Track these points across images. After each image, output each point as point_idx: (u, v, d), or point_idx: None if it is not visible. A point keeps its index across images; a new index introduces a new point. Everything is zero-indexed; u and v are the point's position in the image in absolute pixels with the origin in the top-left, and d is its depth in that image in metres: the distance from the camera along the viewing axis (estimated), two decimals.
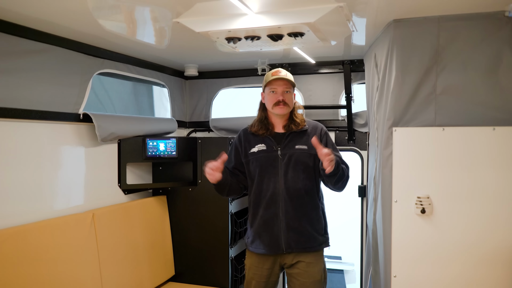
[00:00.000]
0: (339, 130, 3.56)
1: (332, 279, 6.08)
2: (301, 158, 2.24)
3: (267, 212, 2.25)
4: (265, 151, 2.28)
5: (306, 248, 2.26)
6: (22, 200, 2.26)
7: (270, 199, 2.24)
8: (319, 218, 2.31)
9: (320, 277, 2.31)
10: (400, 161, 2.14)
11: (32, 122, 2.32)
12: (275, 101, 2.23)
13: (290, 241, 2.23)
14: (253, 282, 2.36)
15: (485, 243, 2.03)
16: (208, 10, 1.93)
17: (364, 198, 3.48)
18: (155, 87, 3.72)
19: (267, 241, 2.26)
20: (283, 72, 2.27)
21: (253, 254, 2.35)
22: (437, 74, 2.07)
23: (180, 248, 3.30)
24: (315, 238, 2.28)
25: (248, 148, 2.32)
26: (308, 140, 2.24)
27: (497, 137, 2.01)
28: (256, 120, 2.36)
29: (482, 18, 1.99)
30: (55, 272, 2.24)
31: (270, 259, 2.31)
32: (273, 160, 2.24)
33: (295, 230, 2.23)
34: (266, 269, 2.32)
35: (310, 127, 2.34)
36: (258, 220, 2.29)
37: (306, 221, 2.25)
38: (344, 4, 1.83)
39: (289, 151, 2.25)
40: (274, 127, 2.33)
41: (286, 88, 2.25)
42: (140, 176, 3.30)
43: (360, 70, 3.34)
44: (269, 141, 2.29)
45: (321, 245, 2.33)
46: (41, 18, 2.09)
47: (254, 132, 2.32)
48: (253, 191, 2.31)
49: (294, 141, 2.28)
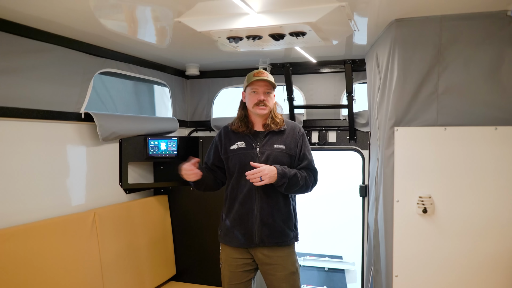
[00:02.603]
0: (340, 129, 3.56)
1: (333, 278, 6.09)
2: (278, 157, 2.30)
3: (243, 207, 2.32)
4: (244, 148, 2.34)
5: (278, 242, 2.32)
6: (23, 199, 2.27)
7: (247, 194, 2.30)
8: (290, 215, 2.37)
9: (294, 269, 2.37)
10: (402, 160, 2.14)
11: (34, 121, 2.33)
12: (256, 101, 2.30)
13: (263, 236, 2.29)
14: (227, 274, 2.41)
15: (487, 243, 2.02)
16: (210, 9, 1.93)
17: (365, 198, 3.48)
18: (156, 86, 3.72)
19: (241, 235, 2.32)
20: (265, 74, 2.33)
21: (226, 247, 2.42)
22: (439, 74, 2.06)
23: (181, 247, 3.30)
24: (287, 233, 2.34)
25: (227, 145, 2.39)
26: (286, 140, 2.34)
27: (499, 137, 2.00)
28: (237, 118, 2.43)
29: (484, 18, 1.98)
30: (56, 271, 2.24)
31: (243, 251, 2.37)
32: (251, 157, 2.30)
33: (269, 225, 2.29)
34: (239, 259, 2.38)
35: (289, 128, 2.40)
36: (233, 215, 2.35)
37: (279, 217, 2.32)
38: (346, 3, 1.83)
39: (267, 149, 2.31)
40: (254, 125, 2.40)
41: (267, 89, 2.32)
42: (142, 175, 3.31)
43: (362, 70, 3.33)
44: (249, 139, 2.36)
45: (292, 240, 2.38)
46: (43, 18, 2.10)
47: (234, 129, 2.39)
48: (231, 186, 2.38)
49: (272, 140, 2.34)
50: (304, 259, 6.41)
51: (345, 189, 7.09)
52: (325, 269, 6.32)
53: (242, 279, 2.39)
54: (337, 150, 3.63)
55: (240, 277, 2.39)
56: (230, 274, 2.40)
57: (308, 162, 2.37)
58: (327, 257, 6.65)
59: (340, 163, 7.50)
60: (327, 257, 6.63)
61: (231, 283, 2.40)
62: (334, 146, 3.59)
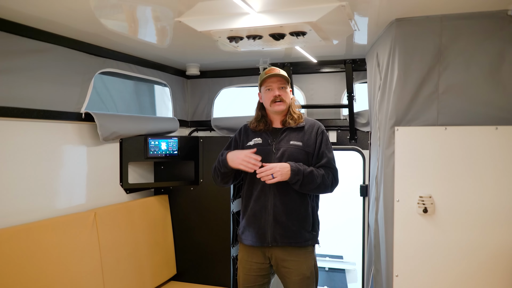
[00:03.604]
0: (341, 129, 3.56)
1: (333, 278, 6.09)
2: (294, 154, 2.26)
3: (256, 204, 2.30)
4: (260, 144, 2.33)
5: (291, 243, 2.26)
6: (24, 199, 2.27)
7: (261, 191, 2.29)
8: (308, 215, 2.30)
9: (309, 273, 2.30)
10: (402, 160, 2.14)
11: (34, 121, 2.33)
12: (272, 97, 2.30)
13: (275, 234, 2.25)
14: (241, 275, 2.40)
15: (488, 242, 2.02)
16: (210, 9, 1.93)
17: (366, 198, 3.48)
18: (156, 86, 3.72)
19: (254, 233, 2.30)
20: (276, 69, 2.32)
21: (244, 247, 2.40)
22: (439, 73, 2.06)
23: (182, 247, 3.30)
24: (301, 234, 2.28)
25: (245, 141, 2.39)
26: (304, 136, 2.31)
27: (499, 137, 2.00)
28: (254, 118, 2.43)
29: (484, 17, 1.98)
30: (57, 271, 2.24)
31: (258, 252, 2.34)
32: (266, 153, 2.28)
33: (282, 224, 2.25)
34: (254, 263, 2.35)
35: (308, 125, 2.37)
36: (248, 212, 2.34)
37: (293, 216, 2.26)
38: (346, 3, 1.83)
39: (283, 146, 2.29)
40: (273, 123, 2.40)
41: (281, 84, 2.31)
42: (142, 175, 3.31)
43: (362, 69, 3.33)
44: (266, 136, 2.35)
45: (307, 242, 2.30)
46: (43, 17, 2.10)
47: (253, 128, 2.40)
48: (247, 184, 2.38)
49: (289, 137, 2.32)
50: None
51: (345, 188, 7.08)
52: (326, 269, 6.32)
53: (255, 282, 2.36)
54: (337, 150, 3.63)
55: (254, 281, 2.36)
56: (244, 276, 2.37)
57: (328, 160, 2.30)
58: (328, 257, 6.65)
59: (341, 163, 7.50)
60: (327, 257, 6.63)
61: (245, 285, 2.38)
62: (334, 146, 3.58)
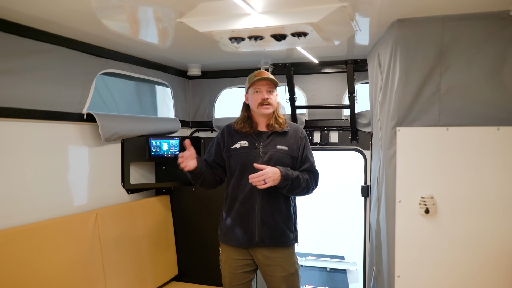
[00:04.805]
0: (342, 129, 3.56)
1: (335, 278, 6.08)
2: (281, 158, 2.31)
3: (243, 206, 2.32)
4: (247, 148, 2.34)
5: (278, 243, 2.32)
6: (25, 199, 2.27)
7: (248, 194, 2.30)
8: (290, 216, 2.38)
9: (294, 270, 2.37)
10: (404, 161, 2.14)
11: (36, 122, 2.34)
12: (259, 100, 2.31)
13: (263, 236, 2.29)
14: (227, 275, 2.41)
15: (489, 243, 2.02)
16: (212, 10, 1.93)
17: (367, 198, 3.48)
18: (158, 87, 3.73)
19: (241, 234, 2.32)
20: (265, 73, 2.34)
21: (226, 248, 2.41)
22: (441, 74, 2.06)
23: (183, 247, 3.30)
24: (287, 234, 2.34)
25: (230, 144, 2.39)
26: (289, 141, 2.35)
27: (501, 137, 2.00)
28: (239, 119, 2.43)
29: (486, 18, 1.98)
30: (58, 271, 2.25)
31: (243, 251, 2.37)
32: (253, 157, 2.31)
33: (269, 225, 2.29)
34: (239, 260, 2.37)
35: (292, 129, 2.41)
36: (233, 214, 2.35)
37: (279, 217, 2.32)
38: (348, 4, 1.83)
39: (270, 150, 2.32)
40: (258, 125, 2.40)
41: (269, 88, 2.33)
42: (143, 175, 3.31)
43: (364, 70, 3.33)
44: (252, 139, 2.36)
45: (291, 241, 2.38)
46: (45, 18, 2.10)
47: (238, 129, 2.40)
48: (232, 185, 2.38)
49: (275, 141, 2.34)
50: (306, 259, 6.41)
51: (347, 189, 7.08)
52: (327, 269, 6.31)
53: (242, 280, 2.39)
54: (339, 150, 3.63)
55: (241, 278, 2.39)
56: (231, 275, 2.40)
57: (310, 164, 2.38)
58: (329, 257, 6.63)
59: (342, 164, 7.49)
60: (329, 258, 6.62)
61: (232, 284, 2.40)
62: (336, 146, 3.59)
